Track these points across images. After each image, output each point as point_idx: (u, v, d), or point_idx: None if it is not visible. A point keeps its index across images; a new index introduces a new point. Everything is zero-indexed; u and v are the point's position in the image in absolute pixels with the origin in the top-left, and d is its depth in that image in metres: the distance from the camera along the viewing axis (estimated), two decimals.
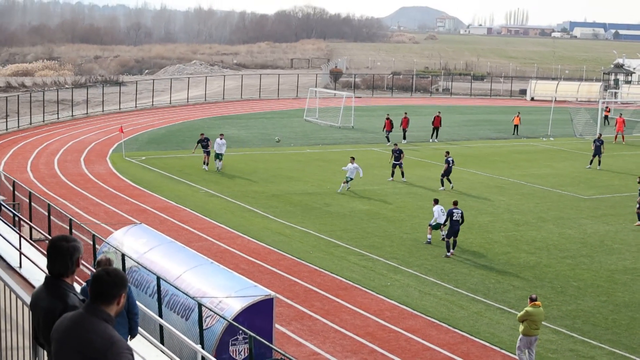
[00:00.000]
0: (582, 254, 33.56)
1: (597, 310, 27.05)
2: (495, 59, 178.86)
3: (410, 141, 62.39)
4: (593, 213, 41.12)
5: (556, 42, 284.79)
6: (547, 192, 45.64)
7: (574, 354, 23.32)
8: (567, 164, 56.10)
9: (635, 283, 29.98)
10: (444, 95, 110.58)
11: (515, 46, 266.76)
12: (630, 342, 24.27)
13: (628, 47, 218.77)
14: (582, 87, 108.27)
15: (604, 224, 38.83)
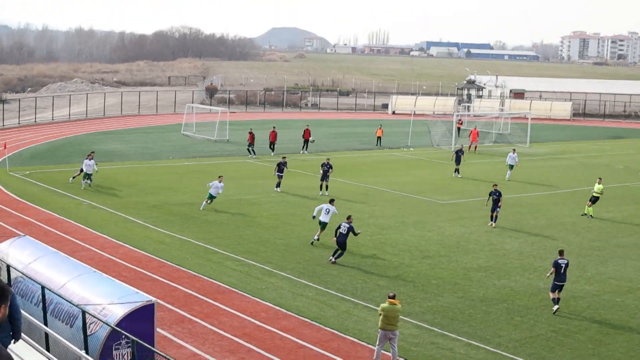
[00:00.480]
0: (440, 254, 34.25)
1: (454, 305, 27.64)
2: (360, 76, 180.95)
3: (281, 153, 62.52)
4: (450, 216, 42.01)
5: (414, 60, 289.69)
6: (408, 198, 46.43)
7: (434, 347, 23.78)
8: (425, 172, 57.21)
9: (489, 280, 30.77)
10: (313, 109, 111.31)
11: (377, 64, 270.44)
12: (484, 334, 24.89)
13: (479, 64, 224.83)
14: (439, 101, 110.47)
15: (460, 227, 39.72)
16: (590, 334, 25.29)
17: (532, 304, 28.08)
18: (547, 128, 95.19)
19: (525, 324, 25.98)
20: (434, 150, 70.02)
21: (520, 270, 32.20)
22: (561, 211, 44.35)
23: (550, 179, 55.50)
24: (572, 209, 44.83)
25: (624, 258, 34.73)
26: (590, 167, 58.36)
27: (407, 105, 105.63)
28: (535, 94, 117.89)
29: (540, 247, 36.16)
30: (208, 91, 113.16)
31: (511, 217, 42.00)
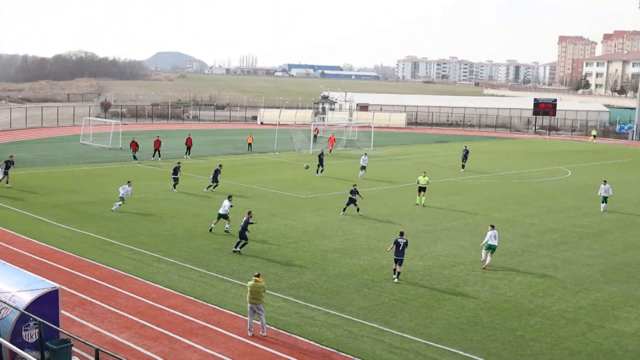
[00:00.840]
0: (303, 240, 34.44)
1: (315, 281, 27.85)
2: (233, 92, 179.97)
3: (166, 158, 61.54)
4: (310, 208, 42.30)
5: (278, 80, 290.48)
6: (275, 194, 46.47)
7: (298, 316, 23.91)
8: (289, 172, 57.38)
9: (342, 259, 31.14)
10: (194, 121, 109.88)
11: (247, 83, 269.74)
12: (339, 304, 25.18)
13: (331, 83, 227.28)
14: (299, 114, 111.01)
15: (318, 216, 40.04)
16: (424, 301, 25.94)
17: (377, 277, 28.59)
18: (387, 135, 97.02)
19: (372, 295, 26.42)
20: (296, 154, 70.32)
21: (367, 251, 32.73)
22: (400, 202, 45.30)
23: (390, 176, 56.60)
24: (408, 200, 45.87)
25: (450, 239, 35.78)
26: (422, 166, 59.70)
27: (273, 117, 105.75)
28: (377, 107, 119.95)
29: (383, 231, 36.83)
30: (103, 106, 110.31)
31: (361, 208, 42.57)
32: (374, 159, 67.44)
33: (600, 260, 32.66)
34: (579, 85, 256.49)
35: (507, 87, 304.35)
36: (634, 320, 24.71)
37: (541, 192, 51.30)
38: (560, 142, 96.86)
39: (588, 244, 35.90)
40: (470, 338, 22.45)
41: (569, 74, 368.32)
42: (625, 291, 28.06)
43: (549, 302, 26.40)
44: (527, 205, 45.54)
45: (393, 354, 21.05)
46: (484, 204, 45.68)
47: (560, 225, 40.07)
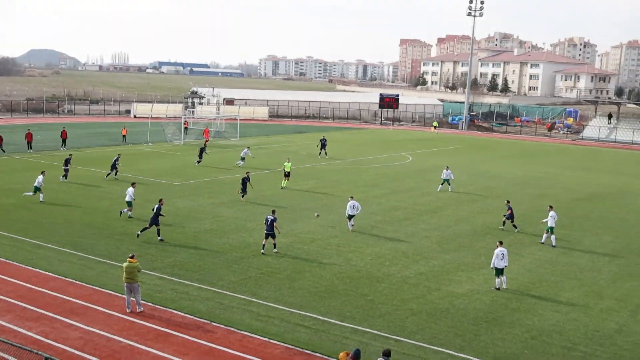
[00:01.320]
0: (176, 223, 34.01)
1: (188, 260, 27.66)
2: (107, 88, 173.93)
3: (40, 150, 58.92)
4: (182, 194, 41.79)
5: (150, 76, 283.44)
6: (150, 182, 45.57)
7: (174, 292, 23.71)
8: (162, 161, 56.35)
9: (213, 239, 31.03)
10: (69, 115, 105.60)
11: (120, 79, 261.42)
12: (211, 279, 25.15)
13: (199, 79, 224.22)
14: (170, 107, 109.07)
15: (190, 201, 39.66)
16: (287, 273, 26.33)
17: (244, 254, 28.73)
18: (252, 126, 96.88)
19: (240, 270, 26.55)
20: (168, 145, 69.09)
21: (236, 231, 32.77)
22: (264, 186, 45.52)
23: (256, 164, 56.69)
24: (271, 184, 46.17)
25: (309, 218, 36.36)
26: (284, 154, 60.11)
27: (146, 110, 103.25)
28: (242, 101, 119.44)
29: (250, 213, 36.94)
30: None
31: (228, 191, 42.55)
32: (240, 148, 67.36)
33: (437, 233, 34.20)
34: (417, 82, 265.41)
35: (357, 84, 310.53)
36: (464, 282, 26.11)
37: (387, 175, 52.95)
38: (403, 132, 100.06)
39: (426, 219, 37.47)
40: (328, 304, 23.03)
41: (409, 73, 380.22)
42: (457, 258, 29.57)
43: (394, 270, 27.43)
44: (375, 187, 46.91)
45: (260, 321, 21.30)
46: (338, 186, 46.65)
47: (403, 203, 41.57)
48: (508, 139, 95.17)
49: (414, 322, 21.79)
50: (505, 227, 35.55)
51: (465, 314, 22.67)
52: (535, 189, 48.99)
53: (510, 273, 27.52)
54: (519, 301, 24.19)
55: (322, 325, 21.21)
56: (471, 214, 39.46)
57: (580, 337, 21.12)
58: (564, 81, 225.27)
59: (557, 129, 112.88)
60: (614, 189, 50.98)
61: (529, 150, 79.60)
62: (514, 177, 55.46)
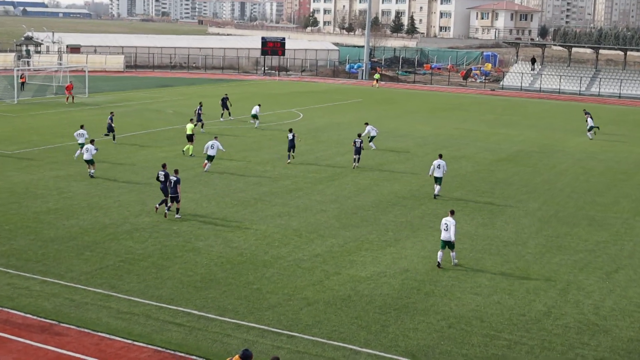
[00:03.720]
0: (10, 202, 32.90)
1: (28, 247, 26.84)
2: None
3: None
4: (17, 165, 40.41)
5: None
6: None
7: (11, 287, 22.95)
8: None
9: (58, 221, 30.22)
10: None
11: None
12: (58, 270, 24.52)
13: (35, 22, 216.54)
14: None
15: (28, 174, 38.40)
16: (153, 260, 25.99)
17: (100, 238, 28.14)
18: (104, 79, 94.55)
19: (95, 257, 26.00)
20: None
21: (88, 210, 32.03)
22: (121, 154, 44.50)
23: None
24: (129, 152, 45.26)
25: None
26: (145, 112, 59.06)
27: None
28: (91, 48, 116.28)
29: (104, 187, 36.16)
30: None
31: (75, 162, 41.40)
32: (91, 107, 65.64)
33: (334, 206, 34.58)
34: (307, 23, 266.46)
35: (234, 25, 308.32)
36: (369, 264, 26.56)
37: (273, 137, 52.95)
38: (291, 84, 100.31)
39: (322, 189, 37.81)
40: (205, 296, 22.91)
41: (296, 11, 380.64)
42: (359, 235, 30.03)
43: (284, 251, 27.57)
44: (259, 152, 46.86)
45: (121, 320, 20.95)
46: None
47: (293, 171, 41.73)
48: (416, 90, 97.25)
49: (309, 313, 22.00)
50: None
51: (370, 302, 23.08)
52: (450, 150, 50.31)
53: (423, 250, 28.23)
54: (433, 284, 24.84)
55: (198, 321, 21.10)
56: (375, 181, 40.11)
57: (505, 323, 21.93)
58: (480, 20, 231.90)
59: (474, 77, 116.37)
60: (539, 147, 53.11)
61: (441, 103, 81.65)
62: (424, 135, 56.74)
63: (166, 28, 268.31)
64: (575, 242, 30.27)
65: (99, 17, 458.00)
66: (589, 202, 37.29)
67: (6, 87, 72.87)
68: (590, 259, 28.18)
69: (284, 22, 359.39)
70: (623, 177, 43.66)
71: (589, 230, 32.09)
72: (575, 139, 58.10)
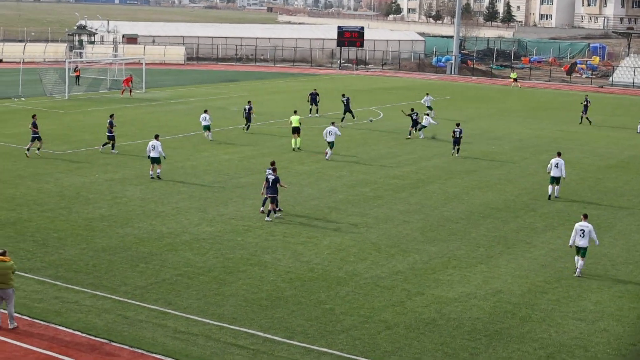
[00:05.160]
0: (60, 207, 33.59)
1: (78, 257, 27.33)
2: None
3: None
4: (68, 167, 41.29)
5: (21, 6, 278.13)
6: (23, 150, 44.83)
7: (59, 301, 23.40)
8: (40, 122, 54.75)
9: (111, 229, 30.73)
10: None
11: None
12: (110, 284, 24.90)
13: (90, 9, 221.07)
14: (49, 48, 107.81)
15: (79, 176, 39.18)
16: (214, 274, 26.19)
17: (156, 249, 28.50)
18: (162, 73, 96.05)
19: (150, 270, 26.33)
20: (48, 100, 68.05)
21: (143, 217, 32.50)
22: (180, 156, 45.14)
23: (167, 125, 56.21)
24: (190, 154, 45.85)
25: (243, 198, 36.22)
26: (209, 110, 59.52)
27: (16, 53, 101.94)
28: (149, 38, 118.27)
29: (161, 192, 36.67)
30: None
31: (131, 164, 42.14)
32: (149, 103, 66.74)
33: (419, 216, 34.38)
34: (389, 10, 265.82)
35: (306, 13, 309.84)
36: (456, 283, 26.31)
37: (350, 138, 52.96)
38: (370, 78, 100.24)
39: (404, 197, 37.65)
40: (271, 315, 22.99)
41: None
42: (446, 251, 29.78)
43: (361, 268, 27.50)
44: (334, 155, 46.90)
45: (178, 340, 21.17)
46: (282, 155, 46.50)
47: (372, 176, 41.68)
48: (513, 87, 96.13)
49: (388, 338, 21.89)
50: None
51: (458, 326, 22.86)
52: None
53: (519, 269, 27.86)
54: (529, 307, 24.49)
55: (263, 344, 21.18)
56: (465, 189, 39.80)
57: (612, 354, 21.48)
58: (586, 7, 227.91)
59: (579, 71, 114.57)
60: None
61: (542, 102, 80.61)
62: (522, 137, 56.09)
63: (232, 16, 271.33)
64: None
65: (159, 4, 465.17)
66: None
67: (57, 81, 74.46)
68: None
69: (363, 10, 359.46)
70: None
71: None
72: None
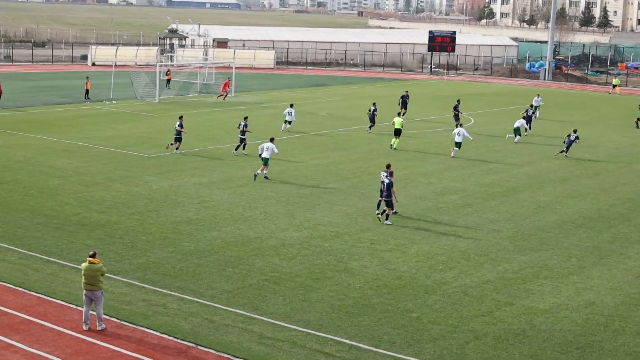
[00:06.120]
0: (149, 209, 34.11)
1: (165, 260, 27.70)
2: (55, 25, 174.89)
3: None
4: (157, 170, 41.87)
5: (113, 9, 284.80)
6: (113, 153, 45.71)
7: (146, 304, 23.74)
8: (130, 125, 56.52)
9: (199, 233, 31.08)
10: (6, 62, 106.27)
11: (73, 13, 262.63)
12: (197, 287, 25.17)
13: (180, 13, 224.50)
14: (140, 52, 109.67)
15: (168, 180, 39.72)
16: (300, 280, 26.28)
17: (243, 254, 28.71)
18: (252, 77, 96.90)
19: (237, 275, 26.54)
20: (139, 103, 69.28)
21: (231, 221, 32.78)
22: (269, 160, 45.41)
23: (257, 129, 56.65)
24: (279, 158, 46.09)
25: (331, 204, 36.28)
26: (297, 114, 59.93)
27: (108, 56, 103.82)
28: (239, 42, 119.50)
29: (249, 197, 36.95)
30: None
31: (219, 167, 42.60)
32: (238, 107, 67.39)
33: (509, 225, 33.99)
34: (481, 15, 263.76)
35: (397, 18, 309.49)
36: (547, 294, 25.93)
37: (440, 144, 52.66)
38: (461, 84, 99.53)
39: (494, 205, 37.26)
40: (358, 323, 22.96)
41: (469, 1, 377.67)
42: (537, 260, 29.37)
43: (449, 276, 27.31)
44: (423, 161, 46.70)
45: (264, 345, 21.29)
46: (371, 160, 46.47)
47: (462, 184, 41.35)
48: (609, 94, 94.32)
49: (477, 348, 21.70)
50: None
51: (548, 338, 22.53)
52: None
53: (612, 280, 27.32)
54: (623, 320, 24.01)
55: (349, 352, 21.16)
56: (557, 198, 39.23)
57: None
58: None
59: None
60: None
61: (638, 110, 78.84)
62: (617, 146, 55.03)
63: (322, 20, 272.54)
64: None
65: (249, 8, 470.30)
66: None
67: (147, 84, 75.74)
68: None
69: (455, 14, 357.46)
70: None
71: None
72: None
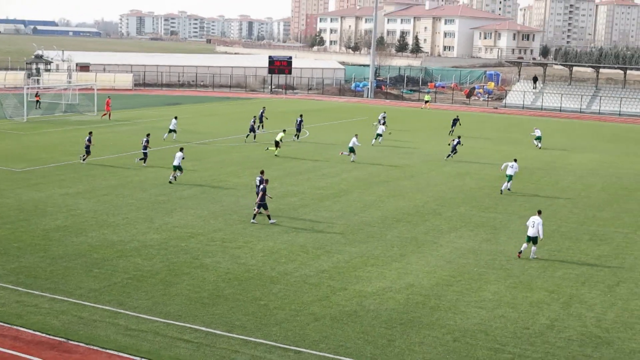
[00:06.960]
0: (19, 219, 32.88)
1: (37, 264, 26.78)
2: None
3: None
4: (26, 183, 40.42)
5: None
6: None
7: (20, 305, 22.89)
8: (0, 143, 54.24)
9: (67, 238, 30.18)
10: None
11: None
12: (67, 287, 24.45)
13: (45, 40, 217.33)
14: (9, 76, 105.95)
15: (37, 191, 38.40)
16: (161, 277, 25.92)
17: (108, 255, 28.09)
18: (113, 97, 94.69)
19: (103, 275, 25.94)
20: (8, 122, 66.63)
21: (96, 227, 32.00)
22: (128, 171, 44.60)
23: (116, 144, 55.50)
24: (139, 170, 45.31)
25: (186, 208, 35.93)
26: (152, 130, 58.93)
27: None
28: (100, 66, 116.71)
29: (112, 205, 36.16)
30: None
31: (84, 179, 41.51)
32: (99, 125, 65.85)
33: (341, 222, 34.53)
34: (313, 42, 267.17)
35: (241, 44, 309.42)
36: (374, 279, 26.48)
37: (280, 154, 52.90)
38: (297, 102, 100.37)
39: (328, 205, 37.77)
40: (213, 312, 22.83)
41: (303, 31, 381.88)
42: (365, 251, 29.96)
43: (291, 267, 27.50)
44: (266, 169, 46.71)
45: (129, 336, 20.88)
46: (221, 169, 46.31)
47: (299, 187, 41.73)
48: (422, 109, 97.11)
49: (316, 329, 21.92)
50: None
51: (376, 317, 22.99)
52: (454, 167, 50.26)
53: (428, 266, 28.15)
54: (437, 298, 24.76)
55: (206, 338, 21.01)
56: (380, 197, 40.08)
57: (509, 337, 21.83)
58: (483, 39, 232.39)
59: (477, 95, 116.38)
60: (541, 164, 52.99)
61: (445, 121, 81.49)
62: (429, 152, 56.68)
63: (175, 47, 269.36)
64: (577, 256, 30.22)
65: (109, 36, 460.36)
66: (590, 217, 37.26)
67: (16, 105, 73.02)
68: (592, 273, 28.11)
69: (291, 42, 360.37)
70: (623, 193, 43.61)
71: (591, 245, 32.03)
72: (577, 155, 58.06)
